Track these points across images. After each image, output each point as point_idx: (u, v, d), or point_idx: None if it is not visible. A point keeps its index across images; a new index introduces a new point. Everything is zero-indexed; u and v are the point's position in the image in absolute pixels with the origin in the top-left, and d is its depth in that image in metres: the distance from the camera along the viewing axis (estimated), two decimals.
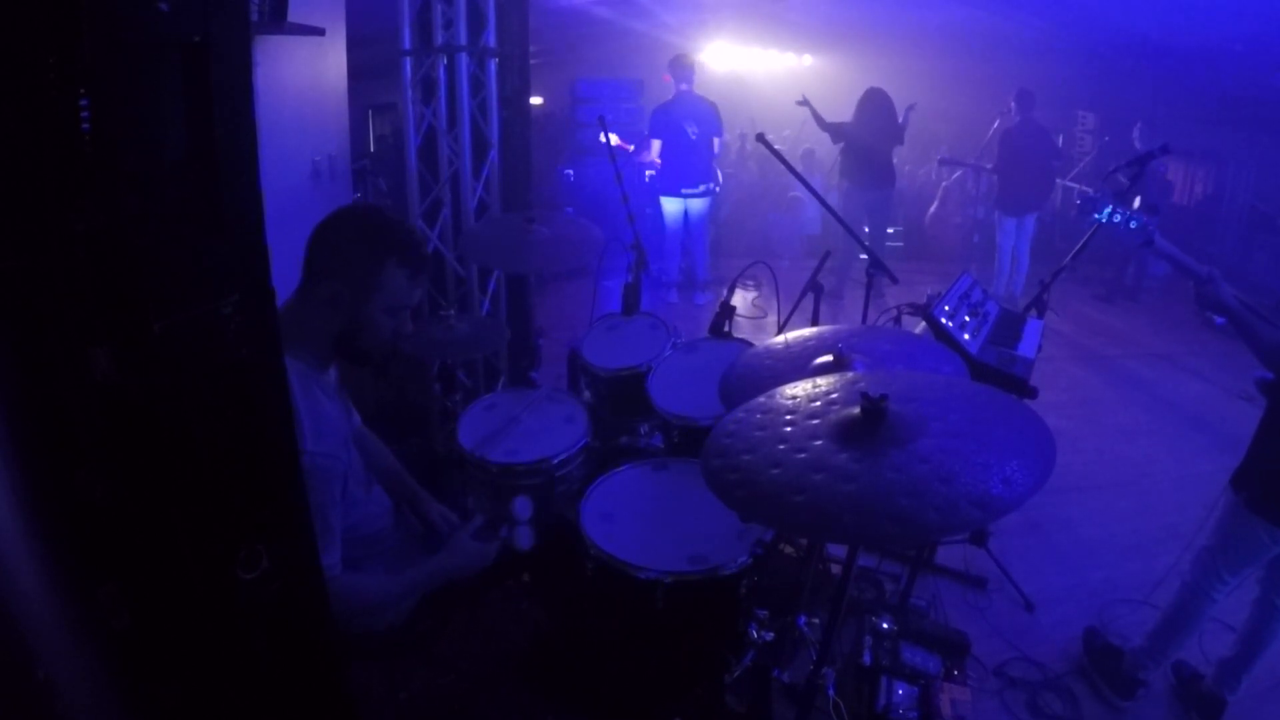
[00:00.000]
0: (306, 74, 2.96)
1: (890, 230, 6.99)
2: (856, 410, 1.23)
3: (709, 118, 5.76)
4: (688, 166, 5.77)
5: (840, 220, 2.92)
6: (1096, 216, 2.29)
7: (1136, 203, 6.38)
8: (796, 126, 9.47)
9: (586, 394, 2.59)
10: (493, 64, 3.42)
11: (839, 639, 2.16)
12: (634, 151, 6.25)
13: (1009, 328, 2.56)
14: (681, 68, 5.69)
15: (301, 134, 2.94)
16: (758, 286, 5.93)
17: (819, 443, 1.23)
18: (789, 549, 2.52)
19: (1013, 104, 6.02)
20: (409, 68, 3.33)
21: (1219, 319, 2.08)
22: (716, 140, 5.89)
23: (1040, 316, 2.82)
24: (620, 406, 2.51)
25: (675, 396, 2.32)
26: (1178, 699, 2.37)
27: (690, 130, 5.70)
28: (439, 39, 3.28)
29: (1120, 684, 2.31)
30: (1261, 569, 2.17)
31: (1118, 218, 2.26)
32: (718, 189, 6.24)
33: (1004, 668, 2.41)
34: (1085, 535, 3.14)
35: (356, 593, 1.56)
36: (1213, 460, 3.43)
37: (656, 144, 5.74)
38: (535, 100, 6.16)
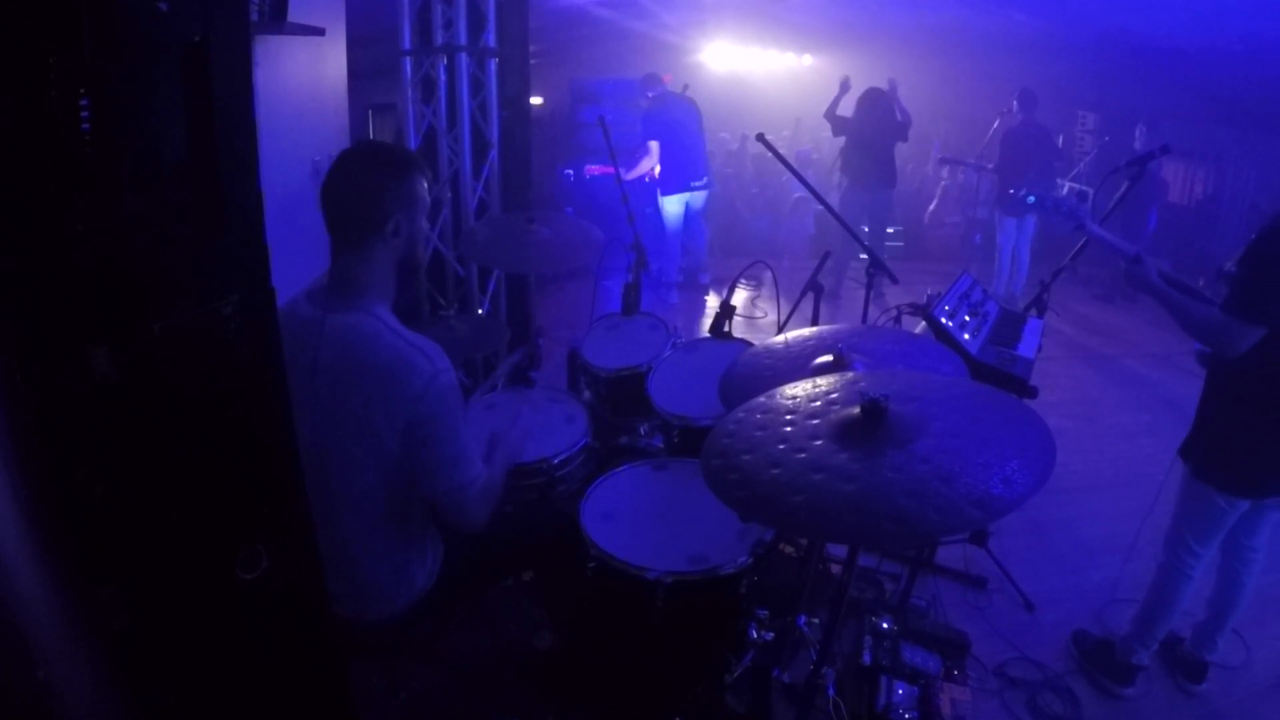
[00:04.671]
0: (306, 74, 2.95)
1: (890, 230, 6.99)
2: (856, 410, 1.23)
3: (696, 112, 5.91)
4: (692, 160, 5.84)
5: (840, 220, 2.91)
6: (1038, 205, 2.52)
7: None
8: (795, 126, 9.48)
9: (586, 394, 2.59)
10: (493, 64, 3.42)
11: (839, 639, 2.16)
12: (627, 169, 6.25)
13: (1009, 328, 2.56)
14: (651, 79, 5.94)
15: (301, 134, 2.93)
16: (758, 286, 5.93)
17: (819, 443, 1.23)
18: (789, 549, 2.52)
19: (1015, 103, 6.02)
20: (409, 68, 3.33)
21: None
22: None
23: (1040, 316, 2.81)
24: (620, 406, 2.50)
25: (675, 396, 2.32)
26: (1162, 661, 2.42)
27: (687, 125, 5.77)
28: (439, 39, 3.28)
29: (1118, 672, 2.32)
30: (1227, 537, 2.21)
31: (1047, 205, 2.49)
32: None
33: (1004, 668, 2.41)
34: (1085, 535, 3.14)
35: (493, 489, 1.64)
36: None
37: (655, 145, 5.77)
38: (535, 100, 6.16)
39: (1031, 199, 2.51)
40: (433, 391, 1.46)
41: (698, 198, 5.94)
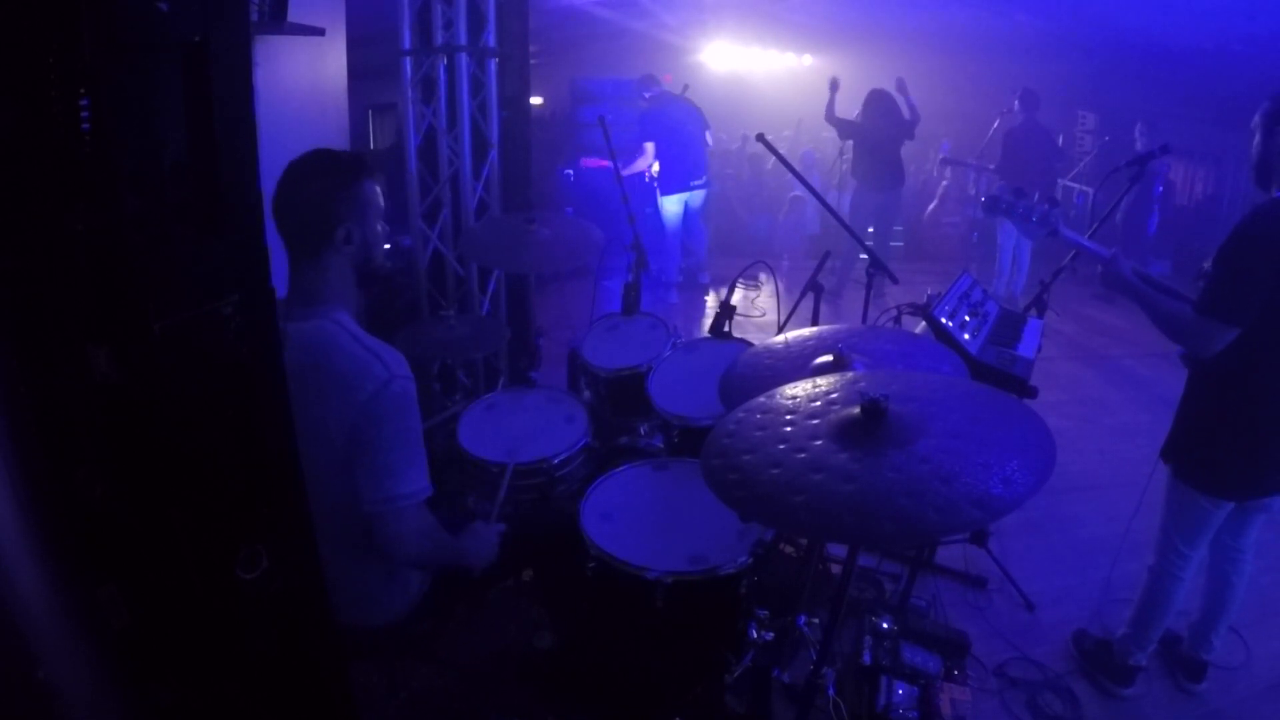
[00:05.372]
0: (306, 74, 2.95)
1: (895, 229, 6.98)
2: (856, 410, 1.23)
3: (696, 113, 5.92)
4: (690, 161, 5.86)
5: (840, 220, 2.91)
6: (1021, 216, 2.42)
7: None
8: (797, 127, 9.48)
9: (586, 394, 2.59)
10: (493, 64, 3.42)
11: (839, 639, 2.16)
12: (625, 166, 6.27)
13: (1009, 327, 2.56)
14: (648, 80, 5.98)
15: (301, 134, 2.93)
16: (758, 286, 5.94)
17: (819, 443, 1.23)
18: (789, 549, 2.52)
19: (1016, 103, 6.02)
20: (409, 68, 3.33)
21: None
22: (708, 133, 5.99)
23: (1040, 316, 2.81)
24: (620, 406, 2.51)
25: (675, 396, 2.32)
26: (1162, 661, 2.43)
27: (685, 126, 5.78)
28: (439, 39, 3.28)
29: (1117, 672, 2.33)
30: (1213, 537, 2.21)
31: (1019, 212, 2.40)
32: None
33: (1004, 668, 2.41)
34: (1085, 535, 3.14)
35: (433, 528, 1.57)
36: None
37: (650, 146, 5.79)
38: (535, 100, 6.17)
39: (1001, 205, 2.46)
40: (383, 396, 1.43)
41: (696, 197, 5.96)
